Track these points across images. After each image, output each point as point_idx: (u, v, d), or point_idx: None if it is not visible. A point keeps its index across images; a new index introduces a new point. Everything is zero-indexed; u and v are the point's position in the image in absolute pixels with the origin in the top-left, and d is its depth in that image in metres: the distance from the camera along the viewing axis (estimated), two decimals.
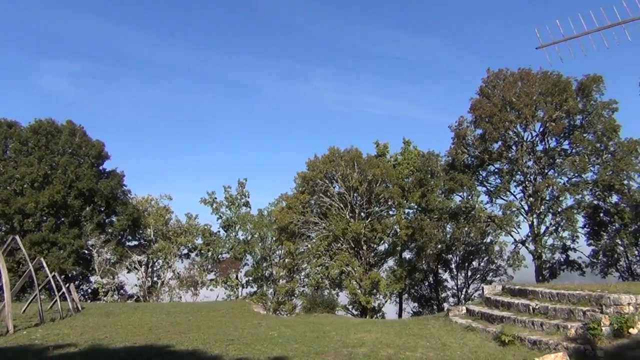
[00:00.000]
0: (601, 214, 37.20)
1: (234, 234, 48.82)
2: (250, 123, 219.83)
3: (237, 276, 46.83)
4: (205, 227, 48.94)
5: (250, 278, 46.93)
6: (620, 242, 36.09)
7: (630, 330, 10.90)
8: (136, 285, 44.66)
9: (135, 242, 46.85)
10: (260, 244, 46.67)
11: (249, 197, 50.03)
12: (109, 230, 43.89)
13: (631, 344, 10.52)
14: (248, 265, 47.71)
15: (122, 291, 43.85)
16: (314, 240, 42.49)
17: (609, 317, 11.43)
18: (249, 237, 47.66)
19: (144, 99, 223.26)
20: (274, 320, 20.63)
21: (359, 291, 39.44)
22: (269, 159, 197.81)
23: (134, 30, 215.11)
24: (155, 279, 46.39)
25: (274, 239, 45.74)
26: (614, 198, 36.83)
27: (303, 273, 45.94)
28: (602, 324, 11.37)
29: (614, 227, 36.65)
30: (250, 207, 49.82)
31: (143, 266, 45.41)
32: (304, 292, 43.30)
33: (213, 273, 46.88)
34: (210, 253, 47.64)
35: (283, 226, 41.93)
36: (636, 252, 36.74)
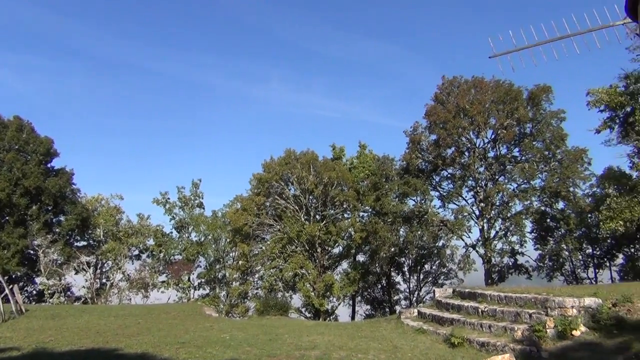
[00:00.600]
0: (548, 220, 38.43)
1: (186, 235, 48.07)
2: (206, 123, 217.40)
3: (189, 278, 46.12)
4: (158, 228, 47.98)
5: (203, 280, 46.29)
6: (565, 247, 37.40)
7: (574, 332, 11.26)
8: (84, 287, 43.33)
9: (84, 243, 45.52)
10: (213, 246, 46.11)
11: (202, 198, 49.39)
12: (57, 230, 42.47)
13: (574, 345, 10.88)
14: (201, 267, 47.06)
15: (69, 293, 42.47)
16: (269, 243, 42.30)
17: (554, 320, 11.78)
18: (202, 239, 47.02)
19: (96, 96, 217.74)
20: (226, 323, 20.40)
21: (313, 294, 39.46)
22: (224, 159, 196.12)
23: (87, 26, 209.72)
24: (104, 280, 45.17)
25: (228, 240, 45.26)
26: (560, 204, 38.23)
27: (257, 275, 45.65)
28: (547, 326, 11.71)
29: (560, 233, 37.95)
30: (204, 208, 49.17)
31: (91, 267, 44.14)
32: (258, 295, 43.05)
33: (164, 275, 46.02)
34: (162, 254, 46.73)
35: (237, 228, 41.56)
36: (580, 257, 38.12)
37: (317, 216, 42.29)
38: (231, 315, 39.61)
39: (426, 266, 45.39)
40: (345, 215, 44.43)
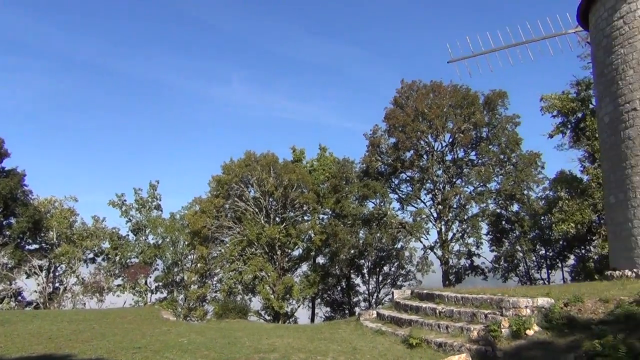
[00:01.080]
0: (503, 222, 39.36)
1: (143, 237, 47.18)
2: (164, 122, 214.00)
3: (146, 281, 45.30)
4: (114, 230, 46.93)
5: (160, 283, 45.52)
6: (519, 249, 38.35)
7: (527, 331, 11.54)
8: (36, 291, 41.97)
9: (36, 246, 44.04)
10: (171, 249, 45.41)
11: (160, 200, 48.56)
12: (7, 232, 41.07)
13: (527, 344, 11.14)
14: (158, 270, 46.27)
15: (19, 298, 41.11)
16: (228, 245, 41.93)
17: (509, 320, 12.05)
18: (160, 242, 46.26)
19: (49, 94, 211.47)
20: (184, 327, 20.09)
21: (272, 296, 39.32)
22: (183, 161, 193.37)
23: (38, 21, 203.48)
24: (57, 284, 43.86)
25: (186, 243, 44.64)
26: (515, 207, 39.19)
27: (215, 278, 45.19)
28: (502, 326, 11.96)
29: (515, 235, 38.90)
30: (162, 211, 48.37)
31: (44, 271, 42.77)
32: (216, 298, 42.62)
33: (120, 278, 45.02)
34: (118, 257, 45.73)
35: (196, 230, 41.05)
36: (534, 258, 39.16)
37: (277, 218, 42.17)
38: (189, 319, 39.07)
39: (385, 268, 45.78)
40: (305, 218, 44.43)
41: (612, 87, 16.56)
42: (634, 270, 15.26)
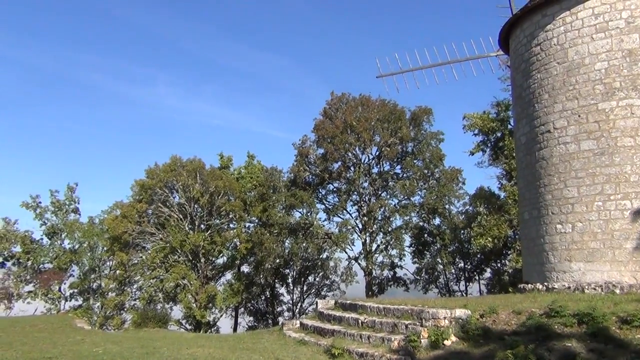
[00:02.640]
0: (425, 235, 40.53)
1: (59, 242, 44.87)
2: (86, 124, 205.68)
3: (60, 288, 43.09)
4: (26, 233, 44.36)
5: (76, 290, 43.39)
6: (440, 261, 39.59)
7: (445, 342, 11.90)
8: None
9: None
10: (89, 254, 43.46)
11: (78, 204, 46.38)
12: None
13: (445, 354, 11.48)
14: (74, 276, 44.10)
15: None
16: (149, 252, 40.72)
17: (428, 330, 12.37)
18: (77, 247, 44.18)
19: None
20: (99, 336, 19.28)
21: (194, 305, 38.52)
22: (104, 164, 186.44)
23: None
24: None
25: (105, 249, 42.91)
26: (437, 220, 40.49)
27: (135, 286, 43.59)
28: (421, 337, 12.27)
29: (436, 247, 40.14)
30: (79, 214, 46.23)
31: None
32: (135, 306, 41.17)
33: (32, 284, 42.58)
34: (30, 262, 43.23)
35: (116, 236, 39.55)
36: (453, 271, 40.54)
37: (202, 225, 41.43)
38: (105, 328, 37.57)
39: (310, 278, 45.92)
40: (231, 226, 43.91)
41: (528, 110, 17.48)
42: (545, 283, 16.10)
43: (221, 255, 43.53)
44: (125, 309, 41.95)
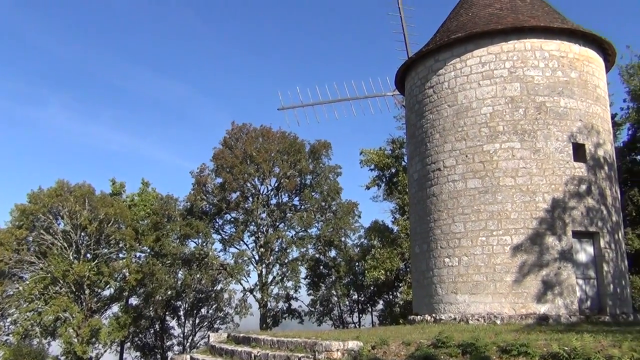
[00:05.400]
0: (321, 267, 40.91)
1: None
2: None
3: None
4: None
5: None
6: (335, 293, 40.00)
7: None
8: None
9: None
10: None
11: None
12: None
13: None
14: None
15: None
16: (27, 282, 37.76)
17: None
18: None
19: None
20: None
21: (76, 340, 36.04)
22: None
23: None
24: None
25: None
26: (333, 253, 41.03)
27: (9, 319, 40.05)
28: None
29: (331, 279, 40.56)
30: None
31: None
32: (8, 342, 37.80)
33: None
34: None
35: None
36: (347, 303, 41.08)
37: (89, 255, 39.18)
38: None
39: (203, 310, 44.60)
40: (121, 255, 41.91)
41: (421, 148, 18.37)
42: (433, 315, 16.72)
43: (108, 286, 41.24)
44: None
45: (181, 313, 44.20)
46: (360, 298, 40.68)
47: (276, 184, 40.59)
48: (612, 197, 17.04)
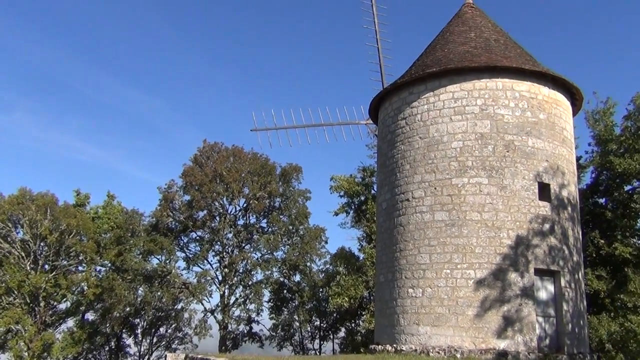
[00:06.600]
0: (285, 291, 40.56)
1: None
2: None
3: None
4: None
5: None
6: (297, 318, 39.64)
7: None
8: None
9: None
10: None
11: None
12: None
13: None
14: None
15: None
16: None
17: None
18: None
19: None
20: None
21: (26, 354, 34.86)
22: None
23: None
24: None
25: None
26: (297, 277, 40.78)
27: None
28: None
29: (294, 304, 40.21)
30: None
31: None
32: None
33: None
34: None
35: None
36: (309, 328, 40.71)
37: (47, 266, 38.15)
38: None
39: (161, 329, 43.67)
40: (80, 268, 40.93)
41: (391, 178, 18.52)
42: (394, 345, 16.68)
43: (65, 299, 40.15)
44: None
45: (139, 331, 43.18)
46: (322, 324, 40.40)
47: (245, 205, 40.40)
48: (574, 238, 17.39)
